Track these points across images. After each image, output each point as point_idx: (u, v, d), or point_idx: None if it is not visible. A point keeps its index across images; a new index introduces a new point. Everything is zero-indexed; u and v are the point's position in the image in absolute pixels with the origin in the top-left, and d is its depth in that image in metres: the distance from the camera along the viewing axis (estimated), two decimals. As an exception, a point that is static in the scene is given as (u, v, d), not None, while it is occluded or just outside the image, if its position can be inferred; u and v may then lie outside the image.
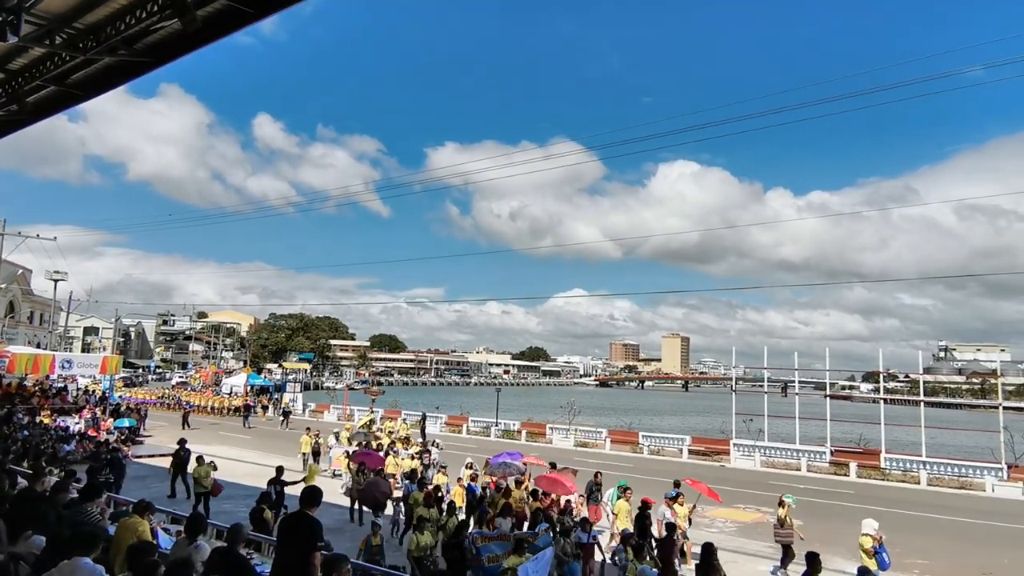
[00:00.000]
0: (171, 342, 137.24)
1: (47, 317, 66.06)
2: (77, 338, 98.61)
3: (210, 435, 32.33)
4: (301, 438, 23.79)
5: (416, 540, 10.28)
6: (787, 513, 12.80)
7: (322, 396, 66.85)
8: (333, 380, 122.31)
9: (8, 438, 20.07)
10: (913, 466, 27.19)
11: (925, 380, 32.26)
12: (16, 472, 10.23)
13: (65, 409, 29.71)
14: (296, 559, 5.67)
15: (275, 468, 13.92)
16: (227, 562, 5.93)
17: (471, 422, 40.38)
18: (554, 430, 36.95)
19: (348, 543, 11.43)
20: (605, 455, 31.48)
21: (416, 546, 10.19)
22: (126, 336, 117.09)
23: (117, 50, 10.47)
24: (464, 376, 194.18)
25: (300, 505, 6.12)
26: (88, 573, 5.05)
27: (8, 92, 12.43)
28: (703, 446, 33.05)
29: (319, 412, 47.11)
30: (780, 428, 33.94)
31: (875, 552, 10.51)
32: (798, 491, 22.80)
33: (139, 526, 6.80)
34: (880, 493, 23.65)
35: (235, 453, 25.73)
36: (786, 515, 12.78)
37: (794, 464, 29.00)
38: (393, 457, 19.50)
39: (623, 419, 55.42)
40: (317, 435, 24.02)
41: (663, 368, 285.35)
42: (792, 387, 35.63)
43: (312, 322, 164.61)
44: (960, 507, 21.26)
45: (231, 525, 6.99)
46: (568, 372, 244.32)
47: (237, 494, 16.39)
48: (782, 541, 12.78)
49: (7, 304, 58.41)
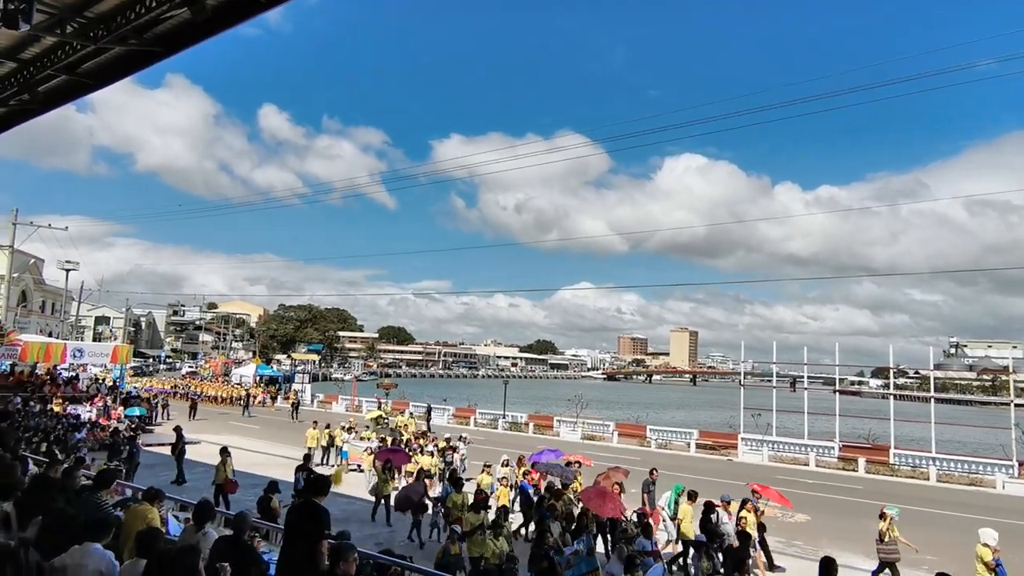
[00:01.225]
0: (181, 332, 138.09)
1: (59, 306, 66.61)
2: (88, 327, 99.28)
3: (219, 425, 32.59)
4: (307, 431, 23.43)
5: (492, 546, 9.64)
6: (889, 526, 11.56)
7: (331, 387, 67.14)
8: (342, 371, 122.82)
9: (20, 426, 20.25)
10: (923, 462, 27.04)
11: (936, 376, 32.05)
12: (28, 459, 10.31)
13: (76, 397, 30.01)
14: (303, 547, 5.69)
15: (303, 456, 15.74)
16: (233, 550, 5.96)
17: (478, 414, 40.47)
18: (561, 423, 37.00)
19: (357, 533, 11.47)
20: (612, 448, 31.47)
21: (492, 553, 9.53)
22: (137, 326, 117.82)
23: (127, 39, 10.47)
24: (472, 368, 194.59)
25: (308, 494, 6.14)
26: (99, 558, 5.09)
27: (20, 81, 12.47)
28: (711, 440, 33.00)
29: (327, 403, 47.39)
30: (788, 423, 33.84)
31: (996, 565, 9.62)
32: (806, 486, 22.82)
33: (149, 513, 6.83)
34: (889, 489, 23.55)
35: (243, 443, 25.88)
36: (888, 528, 11.54)
37: (802, 459, 28.90)
38: (415, 455, 18.75)
39: (631, 412, 55.39)
40: (328, 428, 23.53)
41: (671, 362, 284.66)
42: (801, 382, 35.49)
43: (321, 313, 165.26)
44: (970, 504, 21.13)
45: (237, 513, 7.03)
46: (576, 365, 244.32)
47: (245, 483, 16.45)
48: (885, 559, 11.51)
49: (19, 293, 58.89)
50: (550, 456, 16.32)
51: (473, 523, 10.48)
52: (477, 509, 11.18)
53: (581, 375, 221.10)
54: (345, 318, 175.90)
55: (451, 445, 20.29)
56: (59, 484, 7.76)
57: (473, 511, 11.12)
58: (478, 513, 10.95)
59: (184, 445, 18.73)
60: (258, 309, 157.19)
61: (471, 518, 10.74)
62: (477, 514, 10.90)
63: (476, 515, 10.82)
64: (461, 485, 12.98)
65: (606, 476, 13.96)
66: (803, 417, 31.13)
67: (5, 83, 12.73)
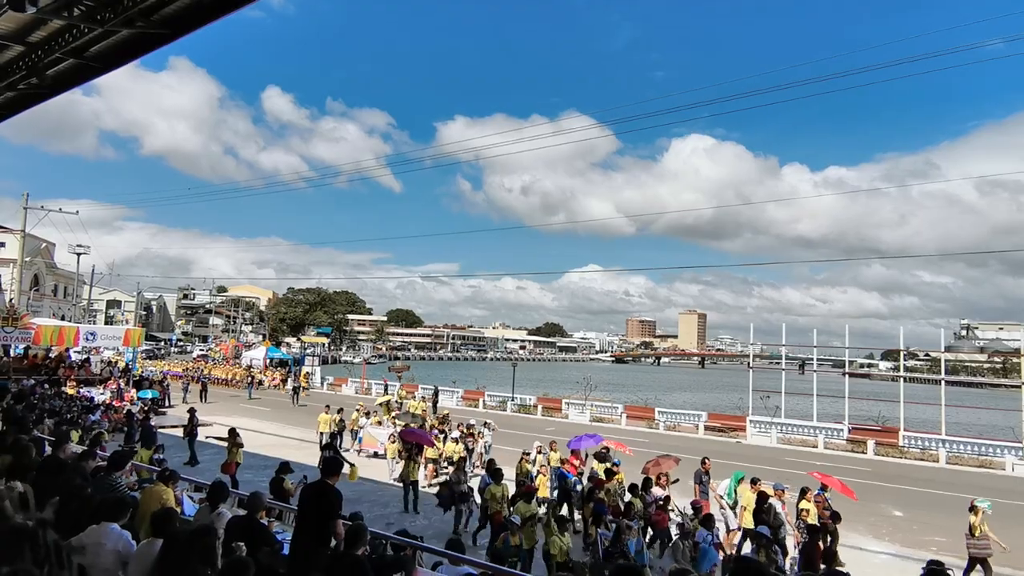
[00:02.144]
0: (191, 315, 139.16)
1: (71, 290, 67.10)
2: (100, 311, 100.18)
3: (230, 407, 32.89)
4: (320, 416, 21.85)
5: (558, 543, 9.02)
6: (981, 520, 11.16)
7: (340, 370, 67.60)
8: (351, 354, 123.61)
9: (35, 408, 20.50)
10: (932, 444, 26.99)
11: (946, 358, 31.87)
12: (44, 440, 10.45)
13: (90, 380, 30.34)
14: (316, 528, 5.76)
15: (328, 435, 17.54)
16: (247, 530, 6.04)
17: (487, 396, 40.64)
18: (570, 405, 37.12)
19: (367, 515, 11.59)
20: (621, 430, 31.57)
21: (560, 550, 8.94)
22: (148, 309, 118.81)
23: (134, 22, 10.42)
24: (481, 351, 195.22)
25: (321, 475, 6.21)
26: (116, 538, 5.17)
27: (28, 65, 12.45)
28: (719, 422, 33.04)
29: (337, 386, 47.70)
30: (797, 405, 33.82)
31: None
32: (815, 468, 22.84)
33: (164, 494, 6.93)
34: (898, 471, 23.55)
35: (254, 425, 26.14)
36: (979, 523, 11.14)
37: (811, 441, 28.91)
38: (438, 441, 18.05)
39: (639, 395, 55.52)
40: (340, 412, 22.27)
41: (680, 345, 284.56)
42: (809, 364, 35.39)
43: (330, 296, 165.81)
44: (979, 485, 21.08)
45: (250, 493, 7.11)
46: (584, 348, 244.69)
47: (257, 464, 16.69)
48: (976, 554, 11.08)
49: (32, 277, 59.41)
50: (589, 442, 15.65)
51: (524, 513, 9.93)
52: (528, 499, 10.60)
53: (589, 358, 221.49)
54: (354, 301, 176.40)
55: (472, 431, 19.41)
56: (74, 465, 7.88)
57: (524, 501, 10.49)
58: (529, 503, 10.40)
59: (196, 427, 18.97)
60: (267, 292, 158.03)
61: (522, 508, 10.16)
62: (528, 504, 10.35)
63: (527, 505, 10.29)
64: (500, 476, 12.12)
65: (655, 464, 13.42)
66: (812, 399, 31.11)
67: (13, 67, 12.71)
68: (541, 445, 16.38)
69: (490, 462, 13.36)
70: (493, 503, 11.45)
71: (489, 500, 11.57)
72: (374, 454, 20.38)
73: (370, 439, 21.24)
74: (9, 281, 52.20)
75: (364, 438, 21.39)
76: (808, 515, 10.95)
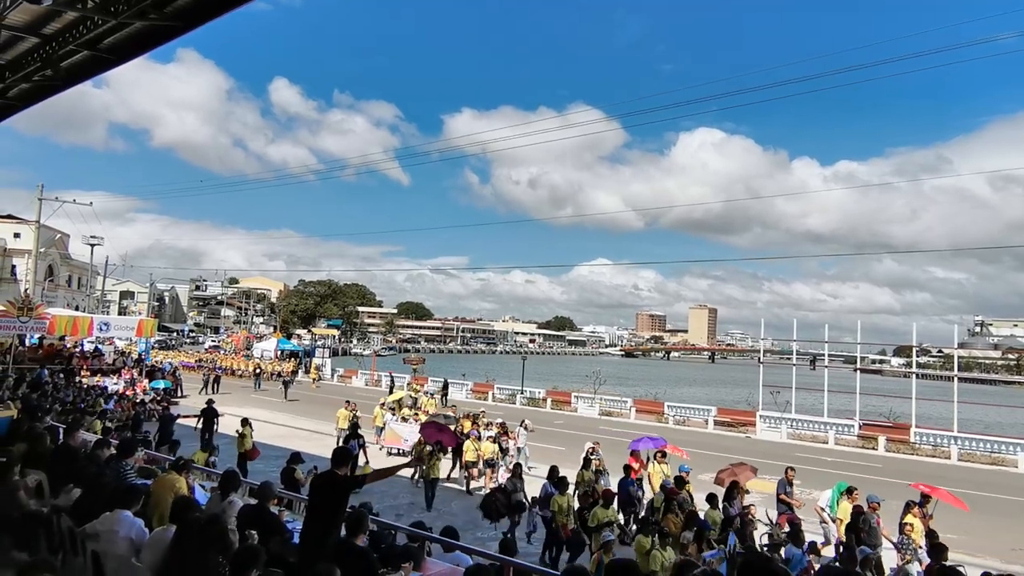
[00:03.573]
0: (203, 307, 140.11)
1: (85, 281, 67.76)
2: (114, 302, 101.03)
3: (242, 398, 33.13)
4: (339, 411, 21.36)
5: (659, 557, 8.10)
6: None
7: (350, 362, 67.92)
8: (361, 346, 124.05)
9: (49, 396, 20.74)
10: (944, 441, 26.80)
11: (960, 355, 31.59)
12: (58, 428, 10.59)
13: (104, 370, 30.66)
14: (325, 517, 5.82)
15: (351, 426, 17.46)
16: (258, 518, 6.10)
17: (496, 389, 40.74)
18: (579, 399, 37.14)
19: (377, 505, 11.66)
20: (630, 424, 31.56)
21: (661, 566, 7.99)
22: (160, 300, 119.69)
23: (147, 14, 10.48)
24: (490, 344, 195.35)
25: (331, 465, 6.25)
26: (130, 525, 5.24)
27: (43, 57, 12.55)
28: (729, 417, 32.95)
29: (347, 377, 47.99)
30: (807, 401, 33.67)
31: None
32: (825, 464, 22.75)
33: (177, 482, 6.99)
34: (909, 467, 23.38)
35: (265, 415, 26.34)
36: None
37: (821, 437, 28.78)
38: (473, 441, 16.75)
39: (649, 389, 55.43)
40: (355, 408, 21.50)
41: (690, 339, 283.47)
42: (821, 360, 35.23)
43: (340, 289, 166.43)
44: (992, 483, 20.95)
45: (261, 483, 7.17)
46: (594, 342, 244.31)
47: (269, 454, 16.78)
48: None
49: (47, 268, 59.97)
50: (649, 444, 14.79)
51: (602, 519, 9.35)
52: (606, 503, 10.00)
53: (599, 352, 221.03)
54: (364, 294, 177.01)
55: (507, 430, 18.43)
56: (88, 453, 7.98)
57: (603, 507, 9.86)
58: (607, 509, 9.80)
59: (215, 418, 19.01)
60: (278, 284, 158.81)
61: (600, 513, 9.53)
62: (606, 510, 9.75)
63: (605, 511, 9.68)
64: (566, 486, 11.03)
65: (730, 472, 12.29)
66: (822, 395, 30.95)
67: (28, 58, 12.82)
68: (594, 447, 15.15)
69: (553, 469, 11.98)
70: (560, 516, 10.51)
71: (556, 513, 10.59)
72: (398, 451, 20.05)
73: (393, 435, 20.61)
74: (24, 271, 52.82)
75: (387, 434, 20.81)
76: (913, 530, 10.19)
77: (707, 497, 10.95)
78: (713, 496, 10.90)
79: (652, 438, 15.36)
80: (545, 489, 11.29)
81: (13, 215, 60.25)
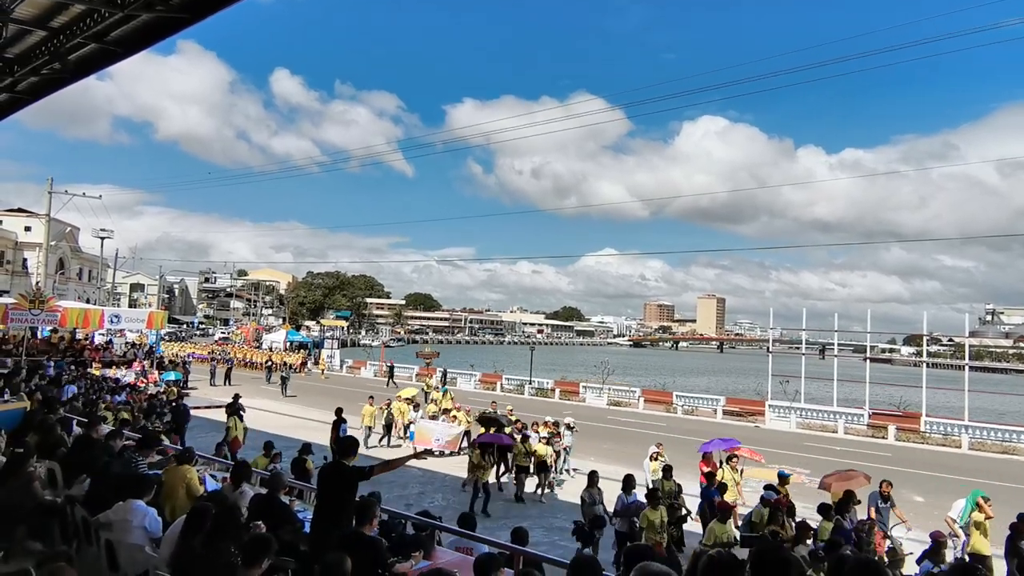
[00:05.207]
0: (213, 299, 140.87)
1: (95, 274, 68.18)
2: (124, 294, 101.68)
3: (252, 389, 33.30)
4: (364, 408, 20.33)
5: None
6: None
7: (359, 353, 68.18)
8: (370, 338, 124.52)
9: (62, 388, 20.91)
10: (954, 430, 26.68)
11: (970, 344, 31.40)
12: (71, 419, 10.68)
13: (115, 362, 30.91)
14: (333, 507, 5.87)
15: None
16: (268, 508, 6.15)
17: (505, 380, 40.82)
18: (588, 389, 37.17)
19: (387, 495, 11.71)
20: (638, 414, 31.58)
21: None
22: (170, 293, 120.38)
23: (154, 6, 10.45)
24: (498, 335, 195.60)
25: (338, 456, 6.29)
26: (143, 515, 5.29)
27: (50, 50, 12.56)
28: (738, 407, 32.92)
29: (356, 368, 48.17)
30: (817, 390, 33.56)
31: None
32: (835, 453, 22.68)
33: (188, 473, 7.05)
34: (919, 456, 23.32)
35: (275, 406, 26.48)
36: None
37: (831, 426, 28.70)
38: (526, 443, 15.14)
39: (657, 379, 55.43)
40: (387, 405, 20.53)
41: (698, 329, 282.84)
42: (830, 349, 35.07)
43: (348, 280, 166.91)
44: (1003, 472, 20.83)
45: (271, 473, 7.22)
46: (602, 332, 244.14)
47: (279, 445, 16.82)
48: None
49: (57, 261, 60.42)
50: (720, 445, 13.61)
51: (721, 537, 8.31)
52: (724, 518, 8.80)
53: (607, 342, 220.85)
54: (372, 285, 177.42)
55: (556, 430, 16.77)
56: (102, 444, 8.05)
57: (719, 522, 8.69)
58: (724, 524, 8.65)
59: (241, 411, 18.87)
60: (287, 276, 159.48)
61: (718, 530, 8.47)
62: (724, 525, 8.63)
63: (724, 527, 8.57)
64: (657, 499, 9.81)
65: (839, 479, 11.15)
66: (832, 384, 30.85)
67: (36, 52, 12.82)
68: (657, 450, 14.22)
69: (629, 478, 10.58)
70: (651, 532, 9.20)
71: (646, 529, 9.31)
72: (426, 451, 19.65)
73: (423, 435, 18.96)
74: (35, 264, 53.18)
75: (416, 434, 19.26)
76: None
77: (818, 508, 9.68)
78: (826, 507, 9.62)
79: (724, 439, 14.11)
80: (621, 501, 10.20)
81: (24, 209, 60.72)
